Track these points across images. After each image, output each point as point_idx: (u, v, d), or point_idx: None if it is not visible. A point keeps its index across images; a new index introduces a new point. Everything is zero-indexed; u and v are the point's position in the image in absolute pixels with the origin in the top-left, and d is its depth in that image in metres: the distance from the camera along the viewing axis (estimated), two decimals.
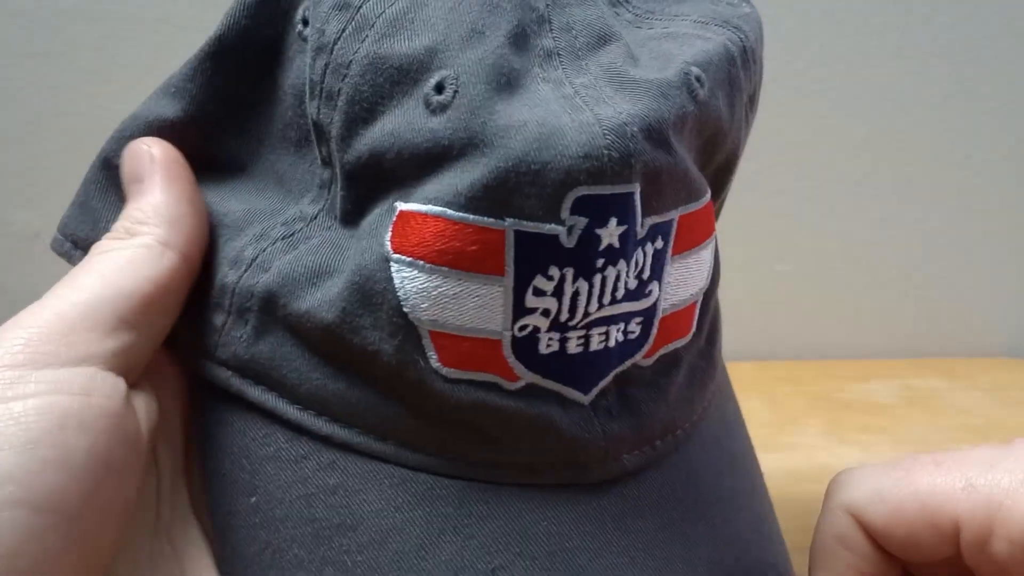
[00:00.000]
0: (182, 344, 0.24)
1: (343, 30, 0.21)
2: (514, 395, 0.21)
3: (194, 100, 0.25)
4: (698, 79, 0.22)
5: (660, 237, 0.22)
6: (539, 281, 0.20)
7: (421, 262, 0.20)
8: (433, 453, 0.21)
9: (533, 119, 0.19)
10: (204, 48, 0.24)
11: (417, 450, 0.22)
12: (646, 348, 0.23)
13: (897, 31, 0.57)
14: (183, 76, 0.25)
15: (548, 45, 0.21)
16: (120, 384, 0.21)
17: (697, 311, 0.24)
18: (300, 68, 0.23)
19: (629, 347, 0.22)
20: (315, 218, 0.23)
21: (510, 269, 0.20)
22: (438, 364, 0.21)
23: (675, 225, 0.22)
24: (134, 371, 0.22)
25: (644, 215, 0.21)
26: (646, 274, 0.22)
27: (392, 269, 0.20)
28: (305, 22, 0.23)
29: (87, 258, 0.23)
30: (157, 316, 0.22)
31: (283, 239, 0.23)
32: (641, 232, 0.21)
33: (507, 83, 0.20)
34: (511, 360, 0.21)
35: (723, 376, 0.29)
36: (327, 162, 0.23)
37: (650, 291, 0.22)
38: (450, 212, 0.20)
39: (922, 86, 0.59)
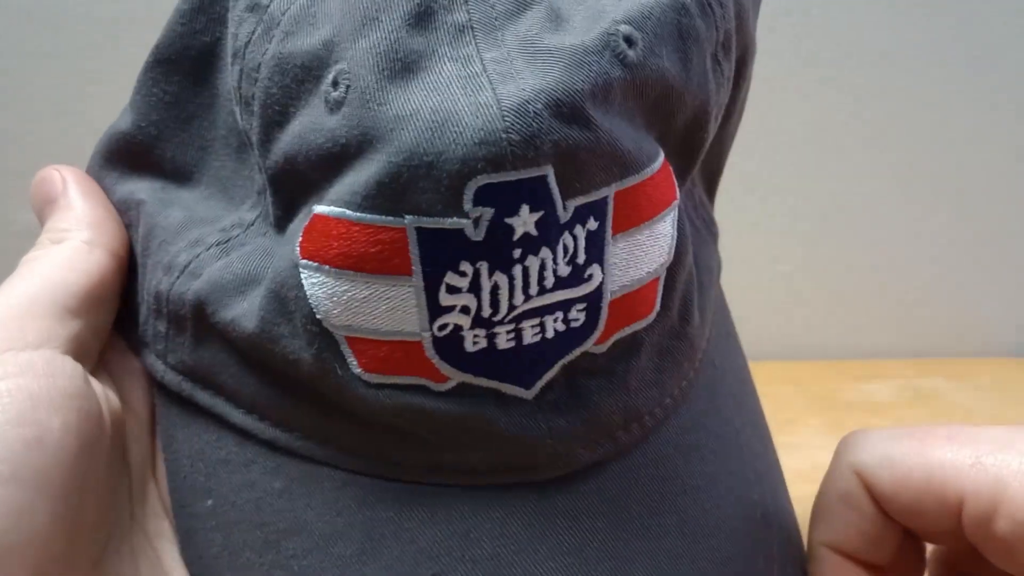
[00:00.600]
0: (139, 347, 0.25)
1: (253, 32, 0.21)
2: (444, 396, 0.20)
3: (139, 111, 0.25)
4: (627, 38, 0.20)
5: (592, 218, 0.20)
6: (451, 278, 0.19)
7: (327, 267, 0.19)
8: (372, 458, 0.21)
9: (427, 106, 0.18)
10: (147, 59, 0.24)
11: (356, 454, 0.21)
12: (596, 335, 0.21)
13: (898, 30, 0.57)
14: (134, 88, 0.25)
15: (460, 19, 0.19)
16: (78, 367, 0.22)
17: (660, 288, 0.22)
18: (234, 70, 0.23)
19: (574, 335, 0.21)
20: (252, 224, 0.23)
21: (417, 268, 0.19)
22: (359, 370, 0.20)
23: (611, 203, 0.20)
24: (87, 358, 0.23)
25: (565, 197, 0.19)
26: (581, 258, 0.20)
27: (302, 276, 0.20)
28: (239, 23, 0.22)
29: (20, 265, 0.24)
30: (97, 307, 0.24)
31: (217, 245, 0.23)
32: (565, 215, 0.19)
33: (403, 69, 0.19)
34: (436, 361, 0.20)
35: (722, 348, 0.27)
36: (260, 169, 0.22)
37: (590, 275, 0.20)
38: (349, 213, 0.19)
39: (922, 86, 0.59)
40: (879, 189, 0.62)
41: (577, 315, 0.20)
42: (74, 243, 0.24)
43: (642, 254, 0.21)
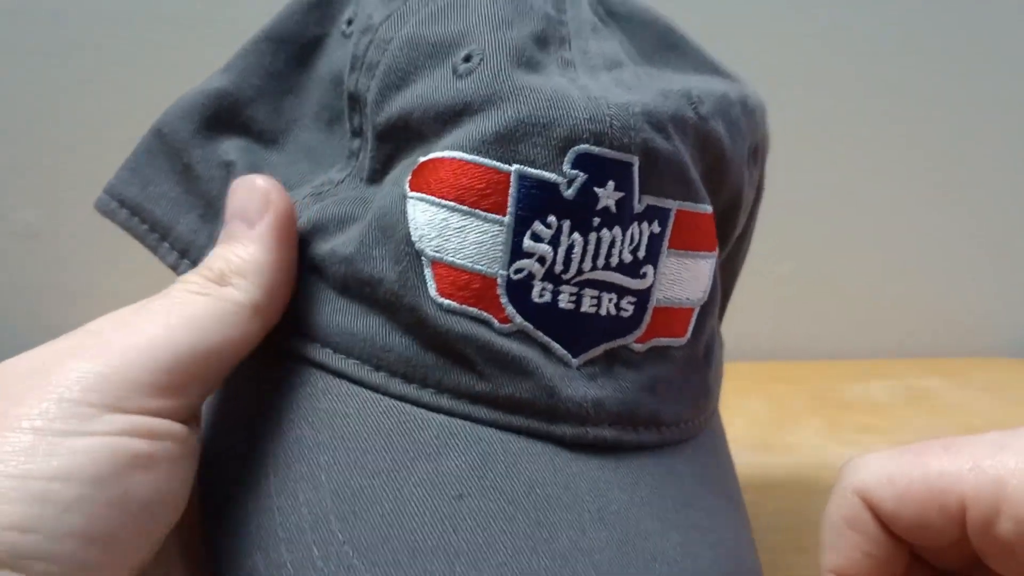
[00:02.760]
0: None
1: (389, 15, 0.25)
2: (503, 335, 0.22)
3: (242, 73, 0.28)
4: (698, 97, 0.24)
5: (657, 222, 0.23)
6: (537, 227, 0.22)
7: (432, 197, 0.22)
8: (420, 384, 0.23)
9: (547, 87, 0.22)
10: (259, 33, 0.28)
11: (407, 381, 0.23)
12: (639, 332, 0.24)
13: (898, 31, 0.57)
14: (236, 55, 0.28)
15: (566, 56, 0.24)
16: (186, 431, 0.21)
17: (693, 320, 0.25)
18: (341, 58, 0.26)
19: (621, 324, 0.23)
20: (342, 182, 0.25)
21: (511, 209, 0.22)
22: (435, 293, 0.22)
23: (672, 216, 0.24)
24: (192, 418, 0.22)
25: (642, 191, 0.23)
26: (641, 253, 0.23)
27: (407, 204, 0.23)
28: (349, 22, 0.26)
29: (176, 292, 0.22)
30: (223, 373, 0.22)
31: (311, 195, 0.25)
32: (639, 207, 0.23)
33: (527, 63, 0.23)
34: (504, 301, 0.22)
35: (718, 422, 0.29)
36: (357, 133, 0.25)
37: (644, 273, 0.23)
38: (462, 154, 0.22)
39: (922, 87, 0.59)
40: (879, 189, 0.62)
41: (627, 307, 0.23)
42: (239, 299, 0.22)
43: (686, 279, 0.25)
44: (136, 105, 0.28)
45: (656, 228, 0.23)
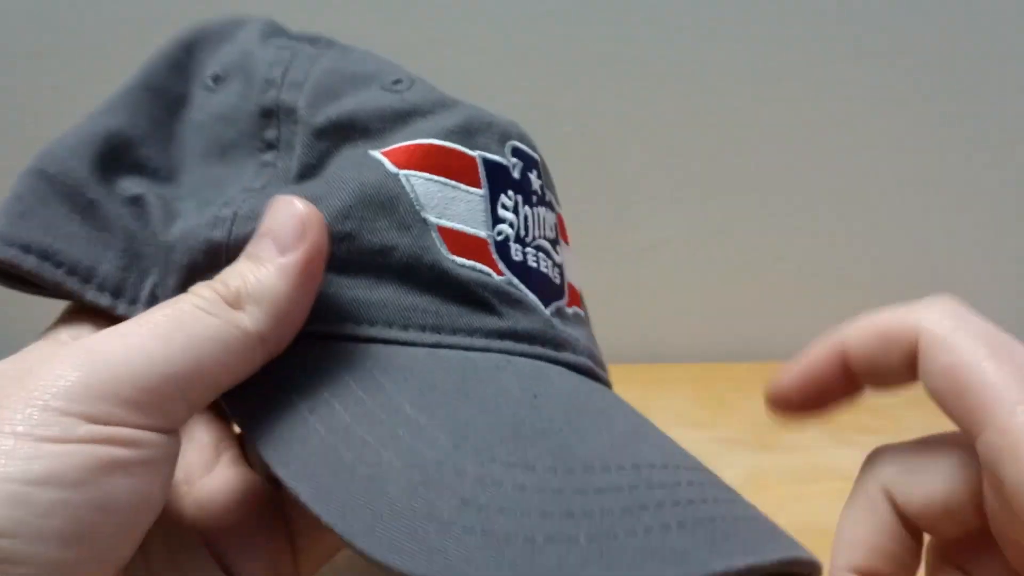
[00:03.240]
0: None
1: (295, 55, 0.29)
2: (502, 283, 0.26)
3: (131, 116, 0.29)
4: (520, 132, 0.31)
5: (552, 213, 0.29)
6: (503, 199, 0.27)
7: (424, 173, 0.26)
8: (450, 331, 0.25)
9: (470, 103, 0.28)
10: (133, 83, 0.30)
11: (437, 331, 0.25)
12: (565, 298, 0.28)
13: (898, 31, 0.57)
14: (115, 99, 0.30)
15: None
16: (172, 441, 0.21)
17: (582, 298, 0.31)
18: (217, 103, 0.29)
19: (557, 289, 0.28)
20: (264, 188, 0.27)
21: (484, 184, 0.27)
22: (447, 252, 0.25)
23: (557, 214, 0.30)
24: (176, 429, 0.21)
25: (544, 185, 0.29)
26: (554, 235, 0.29)
27: (401, 179, 0.26)
28: (215, 79, 0.30)
29: (187, 306, 0.22)
30: (215, 396, 0.22)
31: (249, 194, 0.26)
32: (548, 197, 0.29)
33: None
34: (495, 257, 0.26)
35: None
36: (272, 144, 0.28)
37: (558, 250, 0.29)
38: (439, 141, 0.26)
39: (922, 87, 0.59)
40: (880, 189, 0.62)
41: (557, 275, 0.28)
42: (247, 327, 0.21)
43: (572, 265, 0.31)
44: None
45: (554, 218, 0.29)
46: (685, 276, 0.64)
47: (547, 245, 0.28)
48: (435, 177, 0.26)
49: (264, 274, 0.22)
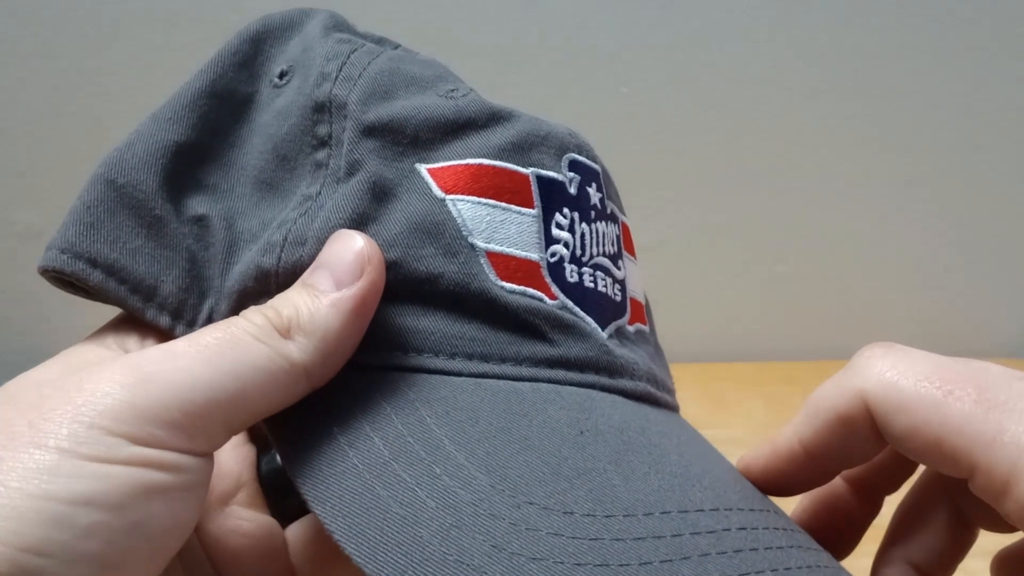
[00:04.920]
0: None
1: (354, 51, 0.28)
2: (554, 307, 0.25)
3: (194, 128, 0.27)
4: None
5: (616, 225, 0.28)
6: (558, 217, 0.26)
7: (472, 197, 0.25)
8: (499, 360, 0.24)
9: (529, 114, 0.27)
10: (198, 87, 0.28)
11: (485, 360, 0.24)
12: (627, 316, 0.27)
13: (899, 32, 0.57)
14: (179, 107, 0.27)
15: None
16: (208, 465, 0.21)
17: (647, 312, 0.30)
18: (282, 104, 0.28)
19: (618, 306, 0.27)
20: (319, 194, 0.26)
21: (537, 203, 0.26)
22: (496, 278, 0.25)
23: (620, 224, 0.28)
24: (212, 454, 0.22)
25: (606, 196, 0.28)
26: (616, 248, 0.28)
27: (448, 205, 0.25)
28: (281, 75, 0.29)
29: (238, 331, 0.22)
30: (256, 422, 0.22)
31: (302, 216, 0.25)
32: (608, 209, 0.28)
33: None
34: (548, 280, 0.25)
35: None
36: (324, 143, 0.27)
37: (621, 265, 0.28)
38: (490, 161, 0.25)
39: (922, 88, 0.59)
40: (878, 190, 0.62)
41: (617, 292, 0.27)
42: (295, 358, 0.21)
43: (636, 278, 0.29)
44: (137, 105, 0.28)
45: (617, 230, 0.28)
46: (685, 276, 0.64)
47: (606, 262, 0.27)
48: (484, 200, 0.25)
49: (317, 307, 0.22)
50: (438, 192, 0.25)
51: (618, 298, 0.27)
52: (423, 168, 0.26)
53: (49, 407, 0.19)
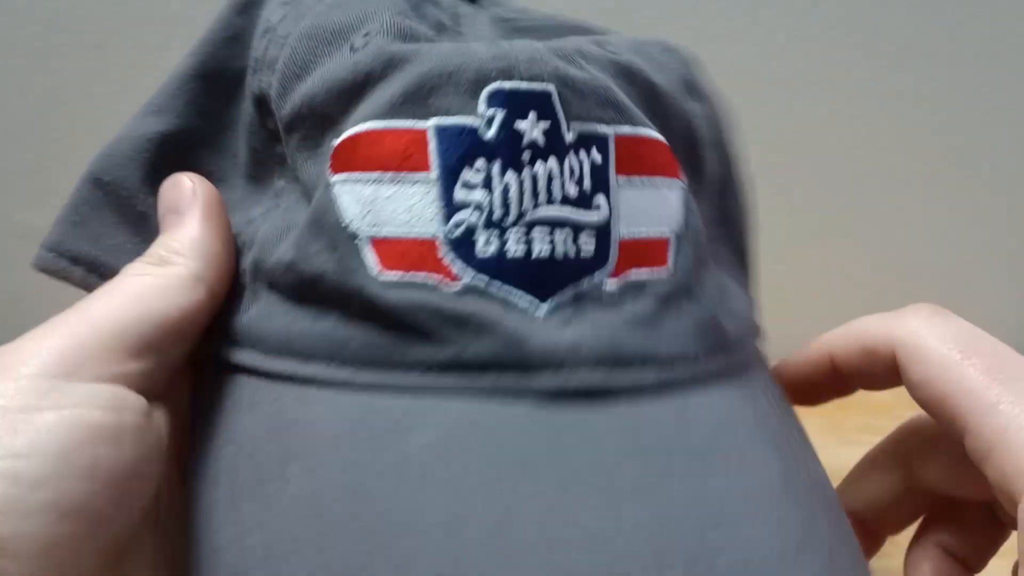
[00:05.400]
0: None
1: (285, 16, 0.25)
2: (456, 295, 0.21)
3: (180, 115, 0.26)
4: (602, 41, 0.25)
5: (596, 148, 0.22)
6: (466, 174, 0.21)
7: (356, 173, 0.22)
8: (386, 367, 0.21)
9: (445, 45, 0.22)
10: (185, 71, 0.27)
11: (373, 367, 0.21)
12: (608, 268, 0.22)
13: (899, 30, 0.57)
14: (167, 95, 0.27)
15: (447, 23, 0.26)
16: (143, 402, 0.21)
17: (672, 250, 0.24)
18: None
19: (585, 263, 0.22)
20: (283, 190, 0.25)
21: (435, 162, 0.21)
22: (377, 271, 0.21)
23: (612, 143, 0.23)
24: (153, 391, 0.22)
25: (568, 118, 0.22)
26: (587, 184, 0.22)
27: (333, 191, 0.22)
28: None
29: (121, 277, 0.23)
30: (179, 344, 0.23)
31: (262, 215, 0.25)
32: (570, 137, 0.22)
33: (412, 38, 0.23)
34: (448, 260, 0.21)
35: (764, 371, 0.27)
36: (276, 136, 0.25)
37: (597, 204, 0.22)
38: (375, 123, 0.21)
39: (921, 86, 0.59)
40: (878, 189, 0.62)
41: (587, 243, 0.22)
42: (180, 271, 0.23)
43: (649, 207, 0.23)
44: (137, 106, 0.28)
45: (597, 157, 0.22)
46: None
47: (556, 212, 0.22)
48: (366, 174, 0.21)
49: (177, 233, 0.24)
50: (327, 176, 0.22)
51: (587, 250, 0.22)
52: (335, 141, 0.22)
53: None
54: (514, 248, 0.21)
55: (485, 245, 0.21)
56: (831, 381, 0.27)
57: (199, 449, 0.23)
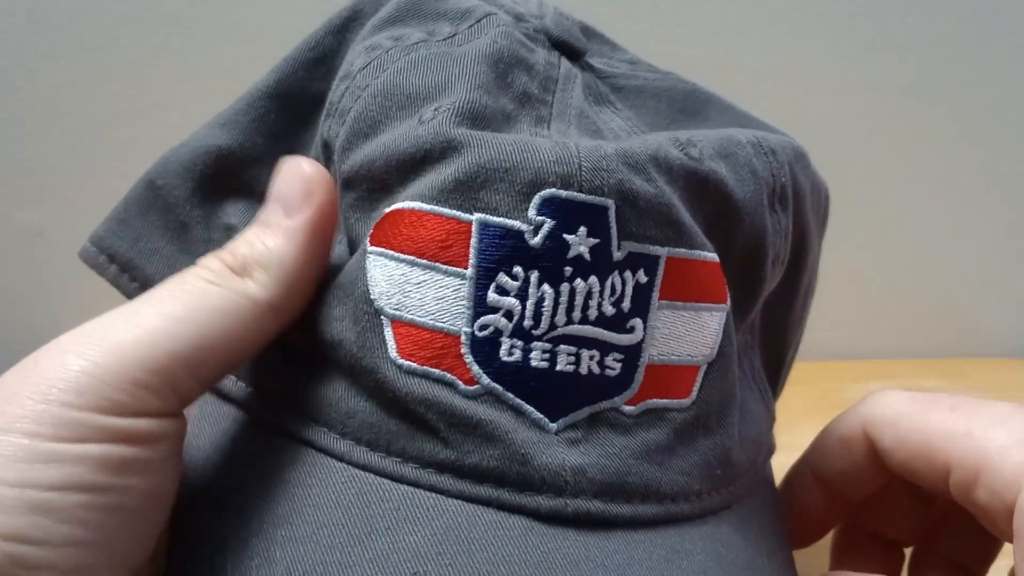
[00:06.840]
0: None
1: (368, 63, 0.24)
2: (468, 398, 0.21)
3: (245, 131, 0.26)
4: (688, 140, 0.23)
5: (643, 271, 0.21)
6: (502, 279, 0.20)
7: (391, 251, 0.21)
8: (385, 452, 0.21)
9: (508, 137, 0.21)
10: (260, 88, 0.26)
11: (372, 448, 0.21)
12: (629, 393, 0.21)
13: (902, 29, 0.57)
14: (236, 110, 0.27)
15: (543, 114, 0.24)
16: (175, 428, 0.20)
17: (699, 380, 0.23)
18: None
19: (607, 385, 0.21)
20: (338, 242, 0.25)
21: (473, 261, 0.20)
22: (395, 355, 0.21)
23: (662, 264, 0.21)
24: (182, 412, 0.21)
25: (621, 237, 0.21)
26: (626, 305, 0.21)
27: (367, 261, 0.21)
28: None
29: (187, 277, 0.21)
30: (224, 374, 0.22)
31: None
32: (619, 255, 0.21)
33: (486, 122, 0.22)
34: (469, 360, 0.20)
35: (763, 494, 0.26)
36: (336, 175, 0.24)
37: (632, 327, 0.21)
38: (421, 204, 0.21)
39: (921, 86, 0.59)
40: (877, 189, 0.62)
41: (614, 364, 0.21)
42: (255, 294, 0.21)
43: (685, 333, 0.22)
44: (138, 105, 0.28)
45: (643, 277, 0.21)
46: None
47: (588, 331, 0.21)
48: (402, 256, 0.21)
49: (271, 239, 0.22)
50: (366, 243, 0.21)
51: (612, 372, 0.21)
52: (385, 209, 0.22)
53: (10, 390, 0.18)
54: (537, 360, 0.20)
55: (509, 352, 0.20)
56: (815, 499, 0.28)
57: (194, 489, 0.22)
